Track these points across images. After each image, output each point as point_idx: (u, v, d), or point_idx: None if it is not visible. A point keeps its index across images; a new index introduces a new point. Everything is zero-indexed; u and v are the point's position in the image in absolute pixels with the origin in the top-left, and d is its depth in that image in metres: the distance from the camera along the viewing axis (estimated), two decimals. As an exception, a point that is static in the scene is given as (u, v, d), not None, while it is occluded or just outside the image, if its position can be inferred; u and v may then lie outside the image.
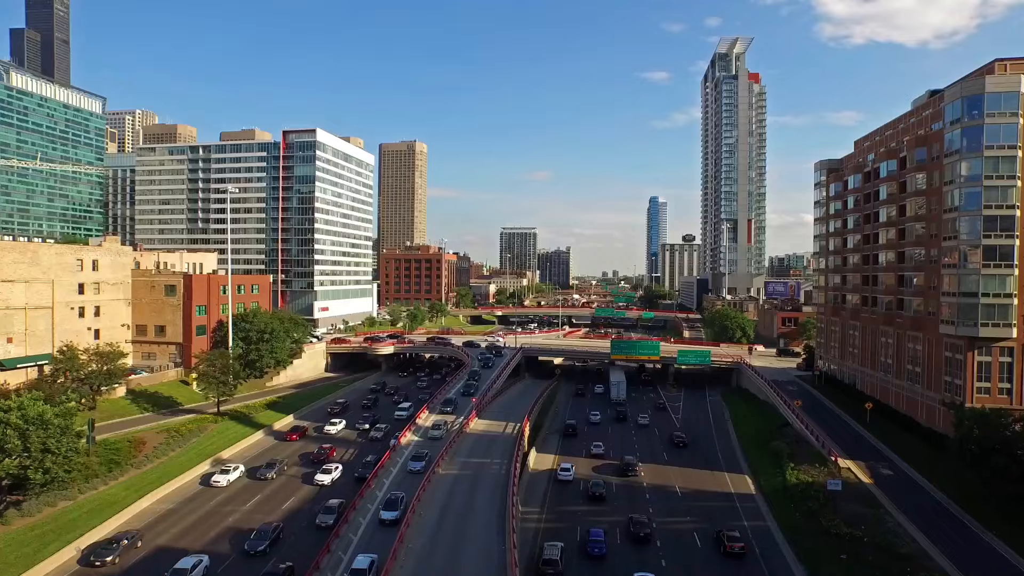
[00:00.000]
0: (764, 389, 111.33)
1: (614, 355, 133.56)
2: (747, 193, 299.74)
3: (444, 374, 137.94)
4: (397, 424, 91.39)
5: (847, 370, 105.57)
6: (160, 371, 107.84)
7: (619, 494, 68.96)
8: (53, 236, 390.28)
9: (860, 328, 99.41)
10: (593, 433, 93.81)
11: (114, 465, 65.52)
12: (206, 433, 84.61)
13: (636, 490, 70.21)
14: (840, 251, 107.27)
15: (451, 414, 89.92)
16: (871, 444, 79.15)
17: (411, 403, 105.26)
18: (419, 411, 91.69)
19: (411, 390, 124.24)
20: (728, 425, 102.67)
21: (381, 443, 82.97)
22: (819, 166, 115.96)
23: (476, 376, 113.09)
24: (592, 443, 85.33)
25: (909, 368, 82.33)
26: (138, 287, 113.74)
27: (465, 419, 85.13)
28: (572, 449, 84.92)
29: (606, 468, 76.40)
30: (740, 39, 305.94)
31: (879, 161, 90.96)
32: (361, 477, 67.95)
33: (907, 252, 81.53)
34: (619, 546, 55.48)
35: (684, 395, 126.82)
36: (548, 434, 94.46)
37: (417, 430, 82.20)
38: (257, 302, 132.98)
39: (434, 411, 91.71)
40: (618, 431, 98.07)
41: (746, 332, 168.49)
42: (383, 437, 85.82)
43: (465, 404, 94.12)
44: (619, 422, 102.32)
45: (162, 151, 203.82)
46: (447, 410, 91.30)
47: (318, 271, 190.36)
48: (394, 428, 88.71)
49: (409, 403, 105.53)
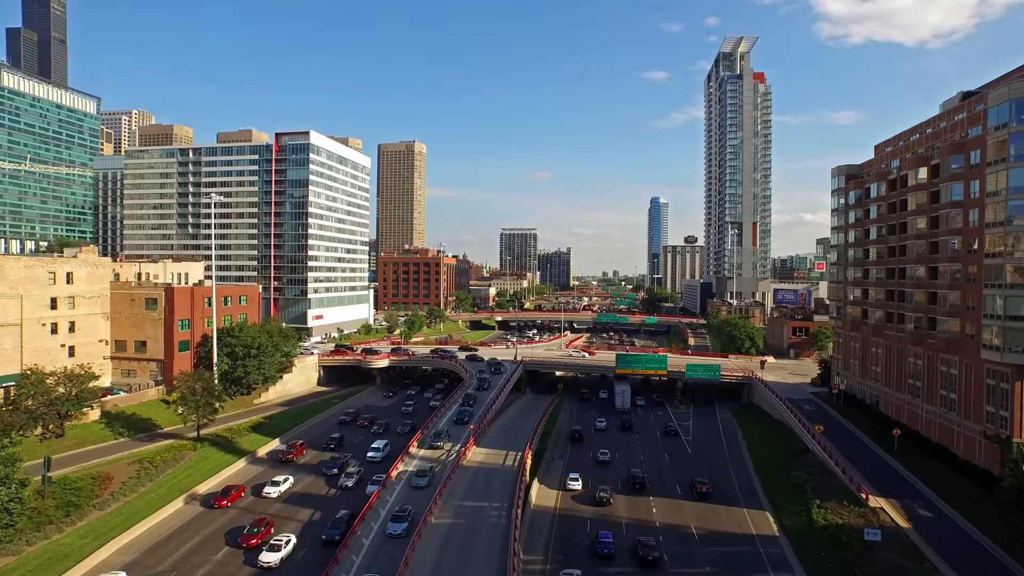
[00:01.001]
0: (778, 407, 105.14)
1: (619, 370, 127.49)
2: (752, 195, 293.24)
3: (439, 389, 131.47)
4: (373, 467, 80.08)
5: (868, 389, 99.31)
6: (139, 390, 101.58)
7: (629, 535, 62.85)
8: (46, 239, 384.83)
9: (884, 346, 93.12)
10: (599, 440, 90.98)
11: (73, 508, 59.12)
12: (183, 463, 78.34)
13: (648, 530, 64.07)
14: (861, 263, 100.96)
15: (442, 448, 79.42)
16: (902, 477, 72.86)
17: (387, 442, 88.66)
18: (408, 444, 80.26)
19: (394, 416, 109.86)
20: (742, 448, 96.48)
21: (354, 493, 71.13)
22: (837, 172, 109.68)
23: (471, 400, 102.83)
24: (599, 450, 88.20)
25: (942, 394, 76.03)
26: (117, 300, 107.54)
27: (463, 447, 78.72)
28: (578, 458, 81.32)
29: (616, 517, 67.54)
30: (745, 38, 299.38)
31: (907, 168, 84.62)
32: (330, 540, 56.64)
33: (940, 268, 75.21)
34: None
35: (693, 412, 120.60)
36: (552, 460, 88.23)
37: (400, 475, 70.17)
38: (245, 314, 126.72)
39: (424, 444, 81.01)
40: (623, 442, 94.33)
41: (755, 342, 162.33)
42: (356, 485, 73.38)
43: (460, 432, 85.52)
44: (624, 431, 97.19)
45: (152, 154, 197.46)
46: (437, 444, 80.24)
47: (312, 278, 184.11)
48: (369, 472, 77.36)
49: (385, 441, 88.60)
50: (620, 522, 65.78)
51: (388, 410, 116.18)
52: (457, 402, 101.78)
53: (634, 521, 66.39)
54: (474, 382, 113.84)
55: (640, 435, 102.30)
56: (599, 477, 78.45)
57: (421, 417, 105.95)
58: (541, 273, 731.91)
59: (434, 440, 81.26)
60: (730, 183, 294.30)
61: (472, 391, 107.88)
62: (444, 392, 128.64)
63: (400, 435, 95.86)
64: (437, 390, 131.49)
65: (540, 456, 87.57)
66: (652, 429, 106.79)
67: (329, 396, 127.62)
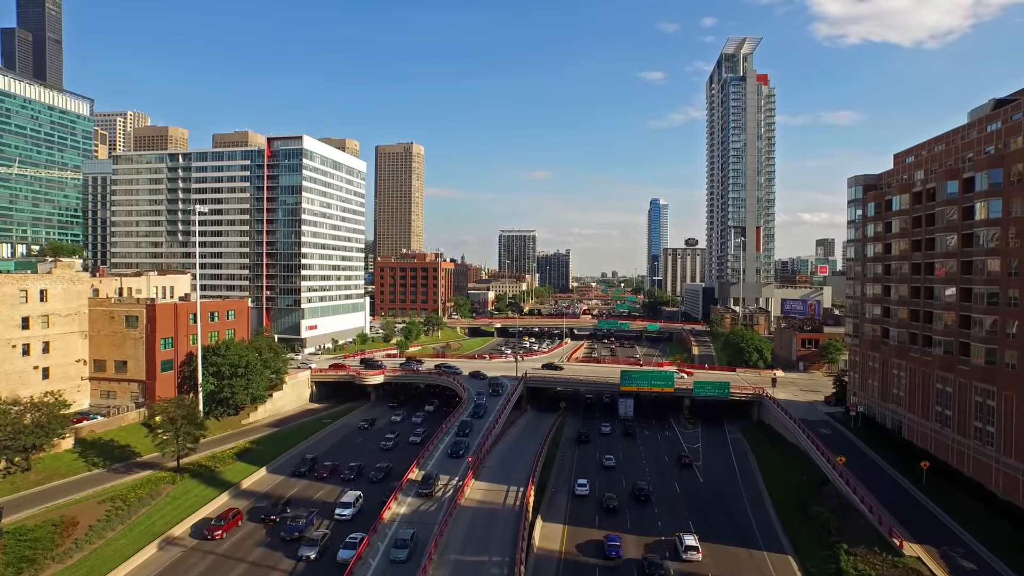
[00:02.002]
0: (793, 430, 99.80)
1: (624, 386, 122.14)
2: (756, 199, 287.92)
3: (429, 412, 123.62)
4: (342, 526, 66.65)
5: (889, 413, 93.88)
6: (118, 414, 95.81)
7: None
8: (38, 242, 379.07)
9: (907, 368, 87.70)
10: (606, 480, 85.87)
11: (27, 563, 53.42)
12: (160, 499, 72.70)
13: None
14: (880, 279, 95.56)
15: (431, 496, 69.90)
16: (935, 517, 67.34)
17: (359, 494, 74.23)
18: (388, 501, 68.43)
19: (368, 455, 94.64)
20: (756, 477, 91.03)
21: (320, 568, 57.90)
22: (854, 182, 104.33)
23: (467, 429, 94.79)
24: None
25: (977, 425, 70.63)
26: (96, 318, 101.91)
27: (461, 481, 73.17)
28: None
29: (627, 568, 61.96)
30: (748, 39, 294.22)
31: (935, 182, 79.21)
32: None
33: (975, 290, 69.80)
34: None
35: (702, 432, 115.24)
36: (556, 491, 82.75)
37: (374, 544, 58.31)
38: (233, 329, 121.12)
39: (409, 493, 70.49)
40: (631, 472, 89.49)
41: (763, 355, 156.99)
42: (318, 557, 59.61)
43: (455, 466, 78.88)
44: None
45: (139, 159, 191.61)
46: (424, 492, 70.29)
47: (305, 287, 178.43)
48: (339, 535, 63.56)
49: (357, 494, 73.89)
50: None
51: (360, 448, 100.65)
52: (452, 431, 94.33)
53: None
54: (470, 407, 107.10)
55: (648, 462, 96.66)
56: (607, 524, 72.88)
57: (403, 455, 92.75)
58: (540, 275, 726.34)
59: (422, 487, 71.69)
60: (733, 187, 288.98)
61: (468, 418, 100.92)
62: (435, 415, 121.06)
63: (374, 482, 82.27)
64: (427, 413, 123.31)
65: (543, 486, 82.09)
66: (660, 453, 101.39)
67: (321, 415, 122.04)
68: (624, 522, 72.41)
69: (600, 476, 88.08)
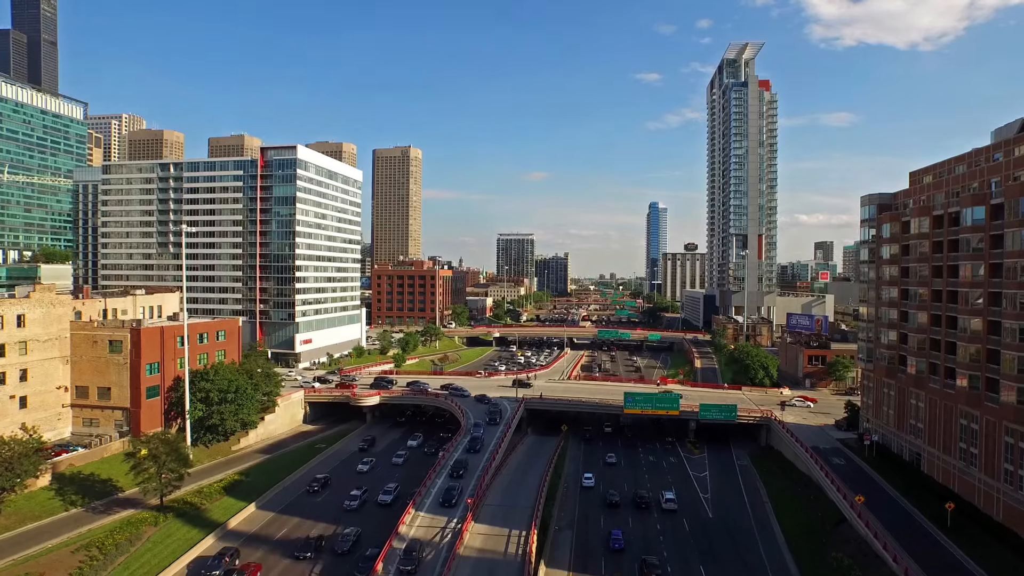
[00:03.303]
0: (805, 460, 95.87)
1: (627, 409, 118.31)
2: (758, 206, 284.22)
3: (416, 445, 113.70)
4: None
5: (907, 445, 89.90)
6: (101, 444, 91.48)
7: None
8: (31, 248, 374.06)
9: (926, 400, 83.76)
10: (611, 518, 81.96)
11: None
12: (139, 545, 68.39)
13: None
14: (897, 303, 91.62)
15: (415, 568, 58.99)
16: (965, 569, 63.24)
17: None
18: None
19: (329, 518, 78.87)
20: (768, 511, 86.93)
21: None
22: (868, 201, 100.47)
23: (461, 469, 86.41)
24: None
25: (1007, 468, 66.69)
26: (78, 342, 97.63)
27: (460, 524, 69.05)
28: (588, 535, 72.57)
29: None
30: (750, 44, 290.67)
31: (959, 206, 75.30)
32: None
33: (1005, 325, 65.88)
34: None
35: (708, 458, 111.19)
36: (559, 529, 78.73)
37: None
38: (224, 350, 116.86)
39: (392, 563, 59.34)
40: (637, 513, 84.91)
41: (769, 372, 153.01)
42: None
43: (449, 514, 73.05)
44: (640, 508, 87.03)
45: (128, 169, 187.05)
46: (407, 568, 58.43)
47: (300, 300, 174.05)
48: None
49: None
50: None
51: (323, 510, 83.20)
52: (444, 473, 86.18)
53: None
54: (466, 439, 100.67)
55: (653, 491, 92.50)
56: (613, 565, 69.03)
57: (371, 521, 76.99)
58: (538, 278, 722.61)
59: (404, 562, 59.67)
60: (735, 194, 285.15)
61: (463, 454, 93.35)
62: (425, 445, 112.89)
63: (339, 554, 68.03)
64: (411, 449, 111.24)
65: (545, 525, 77.93)
66: (667, 482, 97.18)
67: (314, 439, 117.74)
68: (633, 559, 68.86)
69: (605, 514, 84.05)
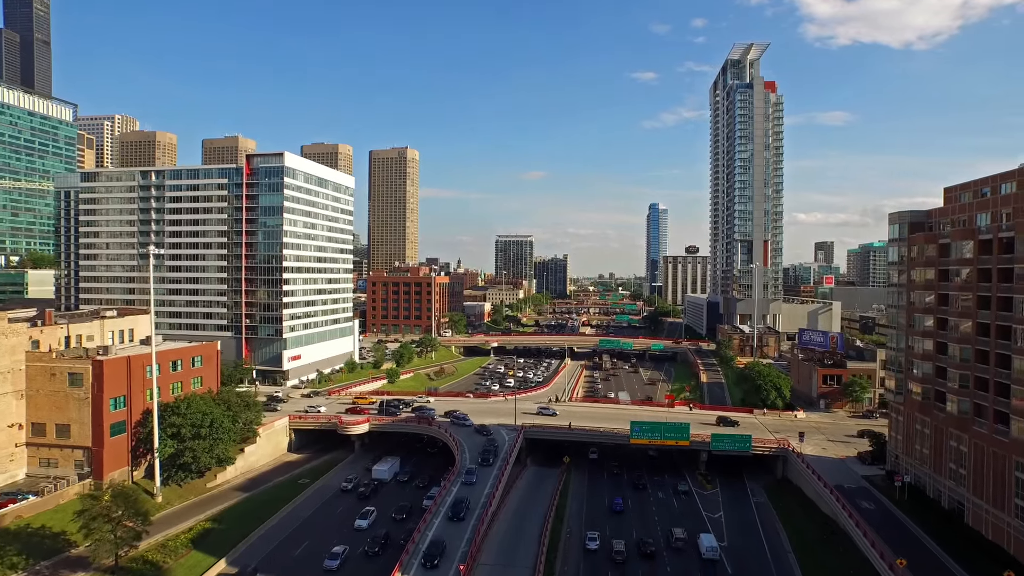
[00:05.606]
0: (828, 501, 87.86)
1: (634, 439, 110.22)
2: (763, 211, 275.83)
3: (413, 476, 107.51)
4: None
5: (945, 491, 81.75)
6: (56, 490, 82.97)
7: None
8: (18, 252, 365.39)
9: (970, 443, 75.65)
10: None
11: None
12: (85, 622, 60.29)
13: None
14: (933, 333, 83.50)
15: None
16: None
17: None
18: None
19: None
20: (791, 561, 78.56)
21: None
22: (897, 219, 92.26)
23: (458, 513, 77.82)
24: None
25: (1074, 536, 58.63)
26: (34, 375, 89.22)
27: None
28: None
29: None
30: (755, 45, 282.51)
31: (1014, 232, 67.18)
32: None
33: (1072, 373, 57.87)
34: None
35: (721, 494, 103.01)
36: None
37: None
38: (200, 377, 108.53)
39: None
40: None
41: (781, 393, 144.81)
42: None
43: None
44: (646, 558, 78.62)
45: (108, 177, 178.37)
46: None
47: (287, 315, 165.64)
48: None
49: None
50: None
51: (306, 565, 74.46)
52: (434, 523, 75.71)
53: None
54: (455, 489, 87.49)
55: (665, 549, 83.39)
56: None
57: None
58: (537, 280, 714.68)
59: None
60: (740, 199, 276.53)
61: (449, 516, 78.09)
62: (419, 478, 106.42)
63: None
64: (399, 486, 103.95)
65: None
66: (677, 526, 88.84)
67: (298, 473, 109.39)
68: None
69: (613, 572, 75.84)
